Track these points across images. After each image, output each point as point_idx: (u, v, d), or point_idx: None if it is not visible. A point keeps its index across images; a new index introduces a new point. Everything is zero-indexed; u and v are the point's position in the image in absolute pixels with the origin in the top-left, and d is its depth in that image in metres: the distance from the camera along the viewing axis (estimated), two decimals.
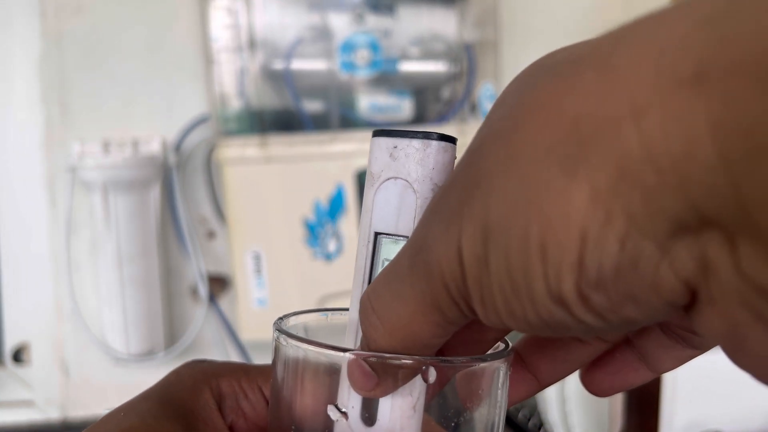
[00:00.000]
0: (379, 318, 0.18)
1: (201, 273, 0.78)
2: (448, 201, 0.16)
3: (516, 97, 0.15)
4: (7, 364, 0.80)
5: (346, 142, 0.71)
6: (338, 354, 0.20)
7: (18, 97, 0.78)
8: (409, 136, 0.21)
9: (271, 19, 0.71)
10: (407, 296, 0.17)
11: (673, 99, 0.11)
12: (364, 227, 0.23)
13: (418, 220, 0.20)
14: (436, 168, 0.21)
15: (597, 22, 0.86)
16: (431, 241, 0.16)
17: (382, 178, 0.22)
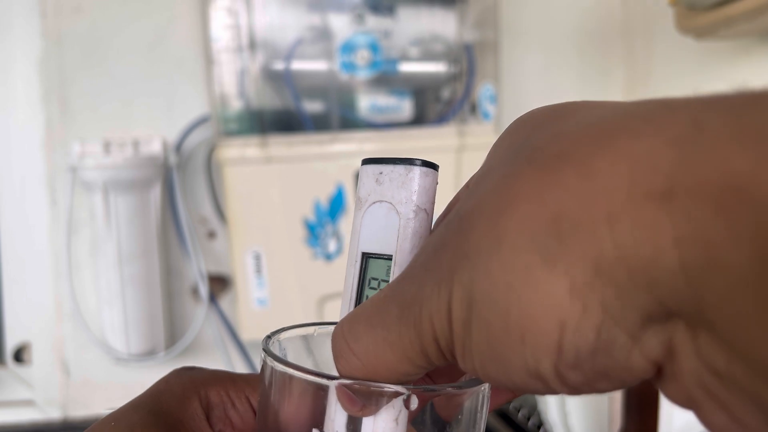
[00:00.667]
0: (360, 359, 0.19)
1: (201, 273, 0.78)
2: (441, 263, 0.17)
3: (502, 177, 0.16)
4: (8, 364, 0.80)
5: (346, 143, 0.71)
6: (323, 381, 0.21)
7: (18, 98, 0.78)
8: (394, 163, 0.22)
9: (272, 19, 0.72)
10: (395, 343, 0.18)
11: (644, 210, 0.13)
12: (352, 248, 0.24)
13: (401, 240, 0.22)
14: (418, 191, 0.22)
15: (596, 22, 0.86)
16: (424, 298, 0.17)
17: (369, 202, 0.23)
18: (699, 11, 0.55)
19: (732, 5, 0.51)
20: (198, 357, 0.82)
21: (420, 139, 0.71)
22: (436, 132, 0.72)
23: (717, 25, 0.54)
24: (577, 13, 0.86)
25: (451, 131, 0.72)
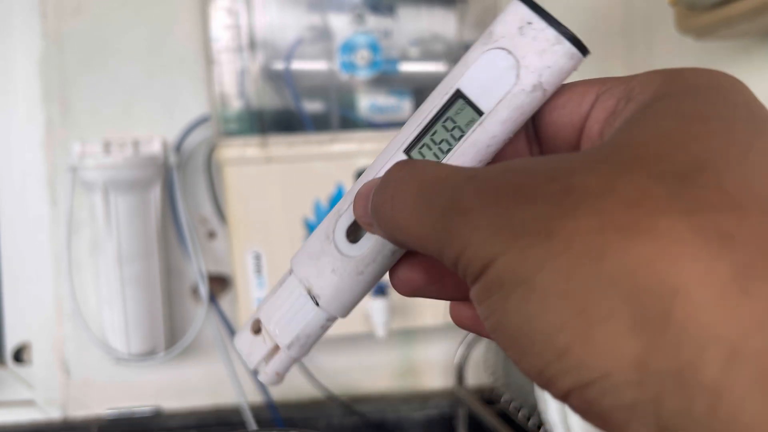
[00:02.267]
0: (386, 221, 0.19)
1: (201, 273, 0.78)
2: (534, 209, 0.15)
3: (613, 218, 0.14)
4: (8, 364, 0.80)
5: (346, 142, 0.71)
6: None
7: (19, 98, 0.78)
8: (548, 22, 0.20)
9: (272, 19, 0.72)
10: (425, 232, 0.17)
11: None
12: (449, 79, 0.22)
13: (502, 105, 0.20)
14: (551, 68, 0.20)
15: (596, 22, 0.86)
16: (484, 227, 0.15)
17: (498, 45, 0.21)
18: (699, 11, 0.55)
19: (732, 5, 0.51)
20: (198, 357, 0.82)
21: None
22: None
23: (717, 25, 0.54)
24: (577, 13, 0.85)
25: None
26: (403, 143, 0.22)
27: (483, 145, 0.21)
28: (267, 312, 0.24)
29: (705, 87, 0.17)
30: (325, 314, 0.23)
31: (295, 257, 0.24)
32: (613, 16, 0.86)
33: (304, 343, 0.24)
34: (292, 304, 0.23)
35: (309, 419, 0.80)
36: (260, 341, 0.24)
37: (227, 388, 0.79)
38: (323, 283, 0.23)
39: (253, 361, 0.24)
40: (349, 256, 0.22)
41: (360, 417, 0.81)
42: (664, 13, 0.69)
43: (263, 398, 0.80)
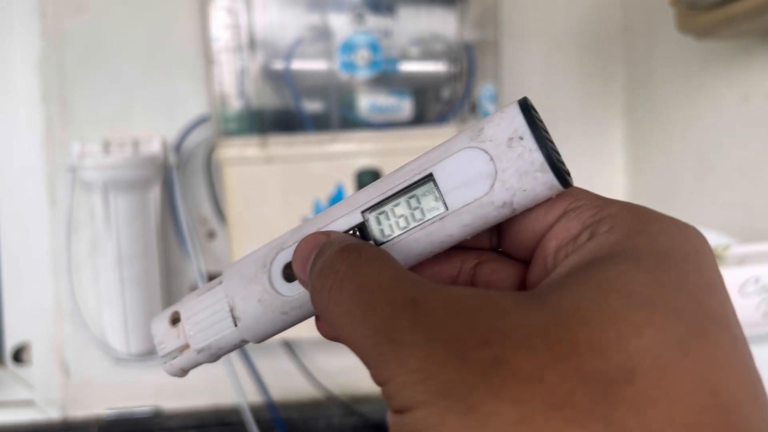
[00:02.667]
0: (320, 309, 0.19)
1: (201, 273, 0.78)
2: (463, 371, 0.15)
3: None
4: (8, 364, 0.80)
5: (346, 142, 0.71)
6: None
7: (18, 97, 0.78)
8: (539, 144, 0.19)
9: (271, 19, 0.71)
10: (362, 342, 0.18)
11: None
12: (426, 159, 0.21)
13: (467, 209, 0.20)
14: (527, 192, 0.20)
15: (596, 22, 0.86)
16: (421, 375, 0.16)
17: (483, 147, 0.20)
18: (700, 11, 0.55)
19: (733, 5, 0.51)
20: None
21: (420, 138, 0.71)
22: (436, 132, 0.72)
23: (718, 25, 0.54)
24: (578, 13, 0.85)
25: (452, 131, 0.72)
26: (363, 204, 0.22)
27: (437, 239, 0.21)
28: (188, 310, 0.24)
29: (670, 255, 0.17)
30: (240, 336, 0.23)
31: (228, 271, 0.24)
32: (613, 16, 0.86)
33: (214, 353, 0.24)
34: (213, 314, 0.24)
35: (309, 419, 0.80)
36: (174, 334, 0.24)
37: (227, 388, 0.79)
38: (247, 308, 0.23)
39: (164, 349, 0.25)
40: (279, 293, 0.23)
41: (360, 417, 0.81)
42: (664, 13, 0.69)
43: (263, 398, 0.80)
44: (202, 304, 0.24)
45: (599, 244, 0.18)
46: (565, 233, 0.20)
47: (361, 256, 0.19)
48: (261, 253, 0.24)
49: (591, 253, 0.18)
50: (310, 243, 0.21)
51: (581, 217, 0.20)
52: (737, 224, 0.64)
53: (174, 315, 0.25)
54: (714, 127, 0.68)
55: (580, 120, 0.87)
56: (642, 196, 0.84)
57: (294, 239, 0.23)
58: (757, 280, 0.48)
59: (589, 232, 0.19)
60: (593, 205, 0.20)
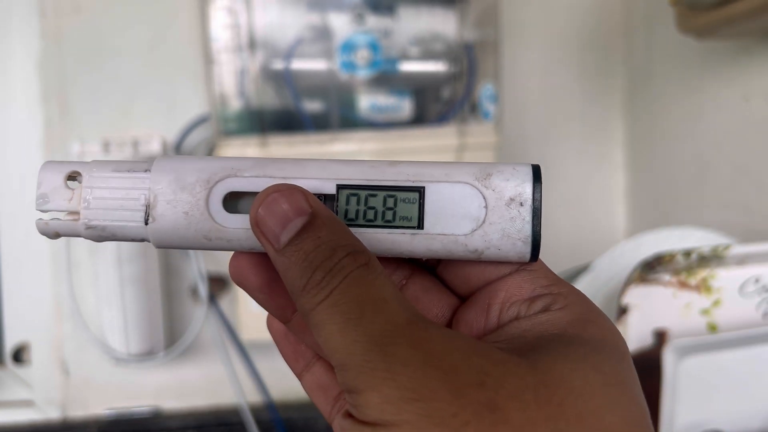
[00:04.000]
0: (305, 313, 0.19)
1: (201, 273, 0.78)
2: (455, 407, 0.16)
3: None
4: (7, 364, 0.80)
5: (346, 142, 0.71)
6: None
7: (18, 97, 0.78)
8: (533, 217, 0.20)
9: (271, 19, 0.71)
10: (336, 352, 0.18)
11: None
12: (421, 171, 0.21)
13: (442, 238, 0.20)
14: (500, 251, 0.20)
15: (597, 22, 0.86)
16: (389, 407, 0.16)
17: (483, 193, 0.20)
18: (700, 11, 0.55)
19: (733, 5, 0.51)
20: (198, 357, 0.82)
21: (420, 138, 0.71)
22: (436, 132, 0.72)
23: (718, 24, 0.54)
24: (578, 13, 0.85)
25: (452, 131, 0.72)
26: (342, 178, 0.21)
27: (398, 251, 0.21)
28: (95, 178, 0.22)
29: (618, 348, 0.19)
30: (144, 235, 0.22)
31: (160, 165, 0.22)
32: (614, 16, 0.86)
33: (104, 236, 0.22)
34: (124, 199, 0.21)
35: (309, 419, 0.80)
36: (66, 195, 0.22)
37: (226, 388, 0.79)
38: (168, 214, 0.21)
39: (45, 203, 0.22)
40: (212, 217, 0.21)
41: None
42: (664, 13, 0.69)
43: (263, 398, 0.80)
44: (115, 182, 0.21)
45: (555, 320, 0.20)
46: (516, 292, 0.21)
47: (370, 265, 0.19)
48: (207, 166, 0.21)
49: (550, 326, 0.19)
50: (289, 202, 0.20)
51: (534, 283, 0.21)
52: (737, 224, 0.64)
53: (73, 173, 0.22)
54: (714, 127, 0.68)
55: (580, 120, 0.87)
56: (642, 196, 0.84)
57: (255, 173, 0.21)
58: (757, 280, 0.48)
59: (542, 303, 0.20)
60: (546, 276, 0.21)
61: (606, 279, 0.57)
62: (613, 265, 0.57)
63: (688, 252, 0.49)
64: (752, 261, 0.49)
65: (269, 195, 0.20)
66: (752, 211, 0.63)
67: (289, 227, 0.19)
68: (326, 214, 0.20)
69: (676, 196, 0.76)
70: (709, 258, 0.49)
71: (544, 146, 0.87)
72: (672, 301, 0.48)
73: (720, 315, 0.48)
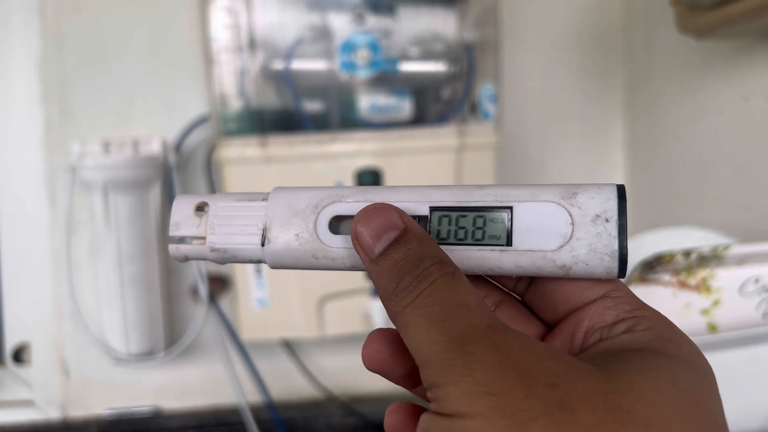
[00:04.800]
0: (394, 314, 0.20)
1: (201, 273, 0.78)
2: (526, 403, 0.17)
3: None
4: (8, 364, 0.80)
5: (346, 142, 0.71)
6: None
7: (18, 97, 0.78)
8: (620, 230, 0.21)
9: (271, 19, 0.71)
10: (422, 351, 0.19)
11: None
12: (513, 192, 0.22)
13: (531, 254, 0.21)
14: (588, 266, 0.21)
15: (596, 22, 0.86)
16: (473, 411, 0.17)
17: (569, 210, 0.21)
18: (700, 11, 0.55)
19: (733, 5, 0.51)
20: (198, 357, 0.82)
21: (420, 138, 0.71)
22: (436, 132, 0.72)
23: (718, 25, 0.54)
24: (578, 13, 0.85)
25: (452, 131, 0.72)
26: (435, 201, 0.23)
27: (488, 265, 0.22)
28: (219, 207, 0.25)
29: (699, 367, 0.19)
30: (261, 256, 0.24)
31: (276, 194, 0.25)
32: (614, 16, 0.86)
33: (228, 257, 0.25)
34: (244, 225, 0.24)
35: (309, 419, 0.80)
36: (195, 222, 0.25)
37: (226, 388, 0.79)
38: (282, 236, 0.24)
39: (177, 230, 0.25)
40: (319, 238, 0.23)
41: (360, 417, 0.81)
42: (664, 13, 0.69)
43: (263, 398, 0.80)
44: (237, 210, 0.24)
45: (637, 338, 0.20)
46: (600, 319, 0.21)
47: (455, 275, 0.20)
48: (316, 193, 0.24)
49: (631, 343, 0.20)
50: (384, 218, 0.22)
51: (617, 309, 0.21)
52: (737, 224, 0.64)
53: (201, 204, 0.25)
54: (714, 127, 0.68)
55: (580, 120, 0.87)
56: (642, 196, 0.84)
57: (356, 198, 0.24)
58: (757, 280, 0.48)
59: (625, 325, 0.21)
60: (630, 302, 0.22)
61: None
62: None
63: (688, 252, 0.49)
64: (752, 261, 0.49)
65: (368, 212, 0.22)
66: (752, 211, 0.63)
67: (382, 239, 0.22)
68: (417, 229, 0.22)
69: (676, 196, 0.76)
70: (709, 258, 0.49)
71: (544, 146, 0.87)
72: (672, 301, 0.48)
73: (720, 315, 0.48)
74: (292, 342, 0.83)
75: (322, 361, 0.83)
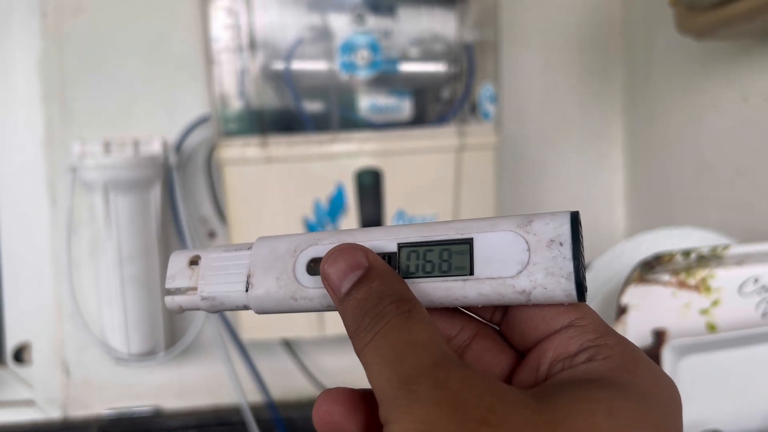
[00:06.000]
0: (358, 350, 0.21)
1: None
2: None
3: None
4: (8, 364, 0.80)
5: (346, 142, 0.71)
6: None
7: (19, 98, 0.78)
8: (574, 254, 0.22)
9: (272, 19, 0.72)
10: (383, 364, 0.20)
11: None
12: (470, 225, 0.23)
13: (491, 282, 0.22)
14: (546, 290, 0.22)
15: (596, 22, 0.86)
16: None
17: (526, 237, 0.22)
18: (699, 11, 0.55)
19: (732, 5, 0.51)
20: (198, 357, 0.82)
21: (420, 139, 0.71)
22: (436, 132, 0.72)
23: (717, 25, 0.54)
24: (577, 13, 0.86)
25: (451, 131, 0.72)
26: (402, 237, 0.24)
27: (453, 296, 0.23)
28: (210, 259, 0.27)
29: (651, 396, 0.20)
30: (245, 302, 0.26)
31: (260, 242, 0.26)
32: (613, 16, 0.86)
33: (215, 305, 0.26)
34: (229, 273, 0.26)
35: (309, 419, 0.80)
36: (188, 274, 0.27)
37: (227, 388, 0.79)
38: (263, 281, 0.25)
39: (172, 283, 0.27)
40: (297, 280, 0.25)
41: None
42: (664, 13, 0.69)
43: (263, 398, 0.80)
44: (225, 260, 0.26)
45: (595, 368, 0.20)
46: (563, 349, 0.22)
47: (412, 312, 0.21)
48: (295, 239, 0.26)
49: (588, 373, 0.20)
50: (349, 257, 0.23)
51: (581, 338, 0.22)
52: (737, 224, 0.64)
53: (194, 258, 0.27)
54: (714, 128, 0.68)
55: (579, 120, 0.87)
56: (642, 196, 0.84)
57: (330, 240, 0.25)
58: (757, 280, 0.48)
59: (586, 355, 0.21)
60: (595, 330, 0.22)
61: (606, 278, 0.57)
62: (613, 264, 0.57)
63: (687, 252, 0.49)
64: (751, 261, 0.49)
65: (333, 253, 0.23)
66: (752, 211, 0.63)
67: (348, 278, 0.23)
68: (381, 267, 0.23)
69: (676, 196, 0.76)
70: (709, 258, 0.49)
71: (543, 146, 0.87)
72: (671, 300, 0.48)
73: (719, 315, 0.49)
74: (292, 342, 0.83)
75: (322, 361, 0.84)
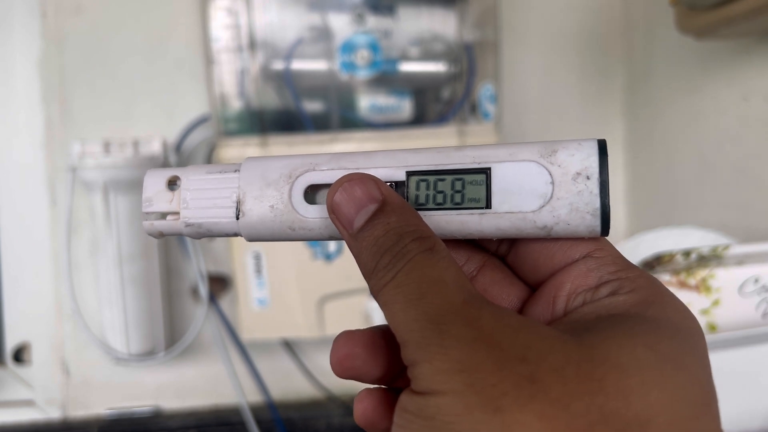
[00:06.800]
0: (375, 290, 0.20)
1: (201, 273, 0.78)
2: (497, 377, 0.16)
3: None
4: (8, 364, 0.80)
5: (346, 142, 0.71)
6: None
7: (18, 98, 0.78)
8: (601, 189, 0.20)
9: (272, 19, 0.72)
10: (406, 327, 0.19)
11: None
12: (490, 151, 0.21)
13: (510, 216, 0.20)
14: (569, 226, 0.20)
15: (596, 22, 0.86)
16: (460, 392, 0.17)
17: (550, 169, 0.20)
18: (699, 11, 0.55)
19: (732, 5, 0.51)
20: (198, 357, 0.82)
21: (420, 139, 0.71)
22: (436, 132, 0.72)
23: (717, 25, 0.54)
24: (577, 13, 0.85)
25: (451, 131, 0.72)
26: (411, 165, 0.22)
27: (467, 229, 0.22)
28: (192, 182, 0.24)
29: (682, 328, 0.19)
30: (236, 229, 0.23)
31: (248, 165, 0.24)
32: (613, 16, 0.86)
33: (201, 232, 0.24)
34: (217, 198, 0.24)
35: (309, 419, 0.80)
36: (167, 197, 0.24)
37: (227, 388, 0.79)
38: (256, 208, 0.23)
39: (149, 207, 0.24)
40: (295, 209, 0.23)
41: None
42: (664, 13, 0.69)
43: (263, 398, 0.80)
44: (209, 182, 0.24)
45: (620, 302, 0.20)
46: (582, 281, 0.21)
47: (434, 249, 0.20)
48: (289, 162, 0.23)
49: (613, 308, 0.19)
50: (362, 190, 0.21)
51: (600, 271, 0.21)
52: (737, 224, 0.64)
53: (173, 178, 0.24)
54: (714, 127, 0.68)
55: (580, 120, 0.87)
56: (642, 196, 0.84)
57: (330, 166, 0.23)
58: (757, 280, 0.48)
59: (608, 288, 0.20)
60: (614, 262, 0.21)
61: None
62: None
63: (687, 252, 0.49)
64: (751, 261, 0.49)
65: (344, 183, 0.21)
66: (752, 211, 0.63)
67: (361, 213, 0.21)
68: (396, 200, 0.21)
69: (676, 196, 0.76)
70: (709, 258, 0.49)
71: None
72: None
73: (719, 315, 0.49)
74: (292, 342, 0.83)
75: (322, 361, 0.84)
